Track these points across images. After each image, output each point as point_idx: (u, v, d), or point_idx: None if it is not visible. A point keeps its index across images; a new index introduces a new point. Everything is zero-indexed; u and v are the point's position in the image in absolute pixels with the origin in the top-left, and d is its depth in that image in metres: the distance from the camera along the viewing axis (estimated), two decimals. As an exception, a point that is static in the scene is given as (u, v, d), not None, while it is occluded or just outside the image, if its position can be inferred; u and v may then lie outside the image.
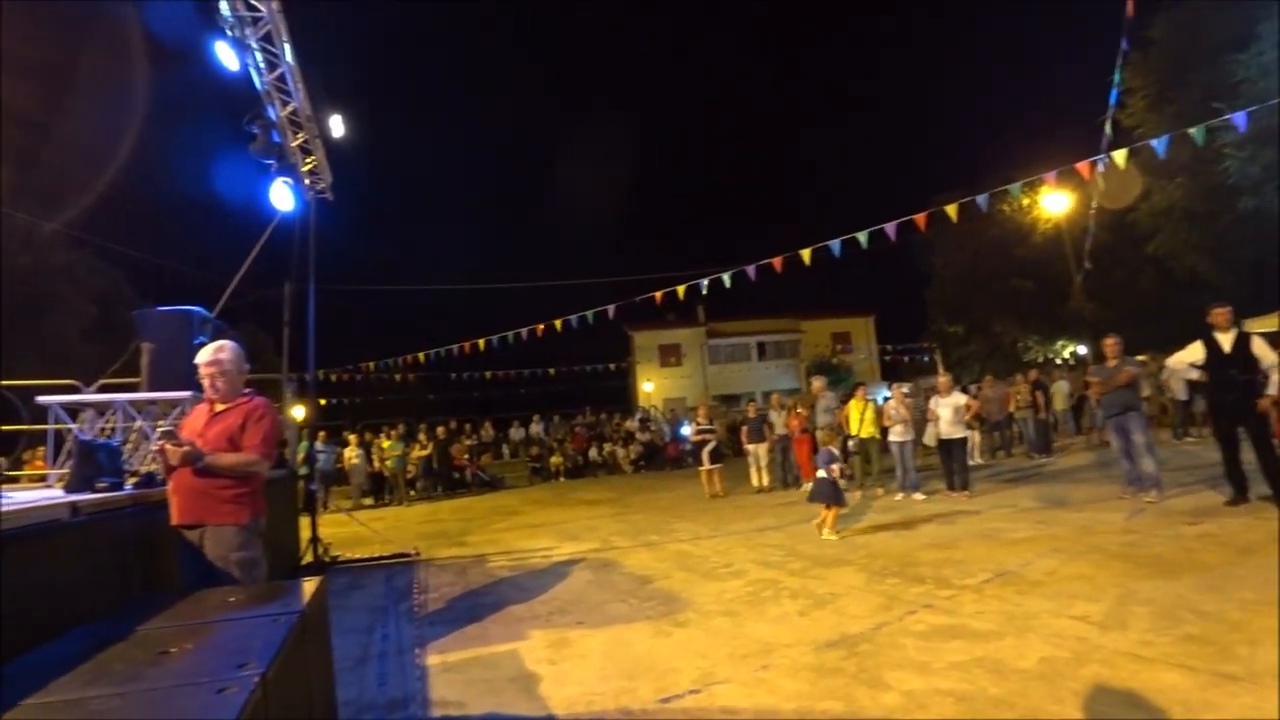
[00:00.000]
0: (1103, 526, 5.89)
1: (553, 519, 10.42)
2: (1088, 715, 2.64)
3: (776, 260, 9.49)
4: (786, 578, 5.29)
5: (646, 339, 39.26)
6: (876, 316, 42.19)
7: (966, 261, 28.68)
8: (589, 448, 20.10)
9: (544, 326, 11.86)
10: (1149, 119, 19.54)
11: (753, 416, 11.84)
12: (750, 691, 3.18)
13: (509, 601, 5.32)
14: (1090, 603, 3.89)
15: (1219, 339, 6.15)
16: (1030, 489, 8.59)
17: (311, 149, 8.30)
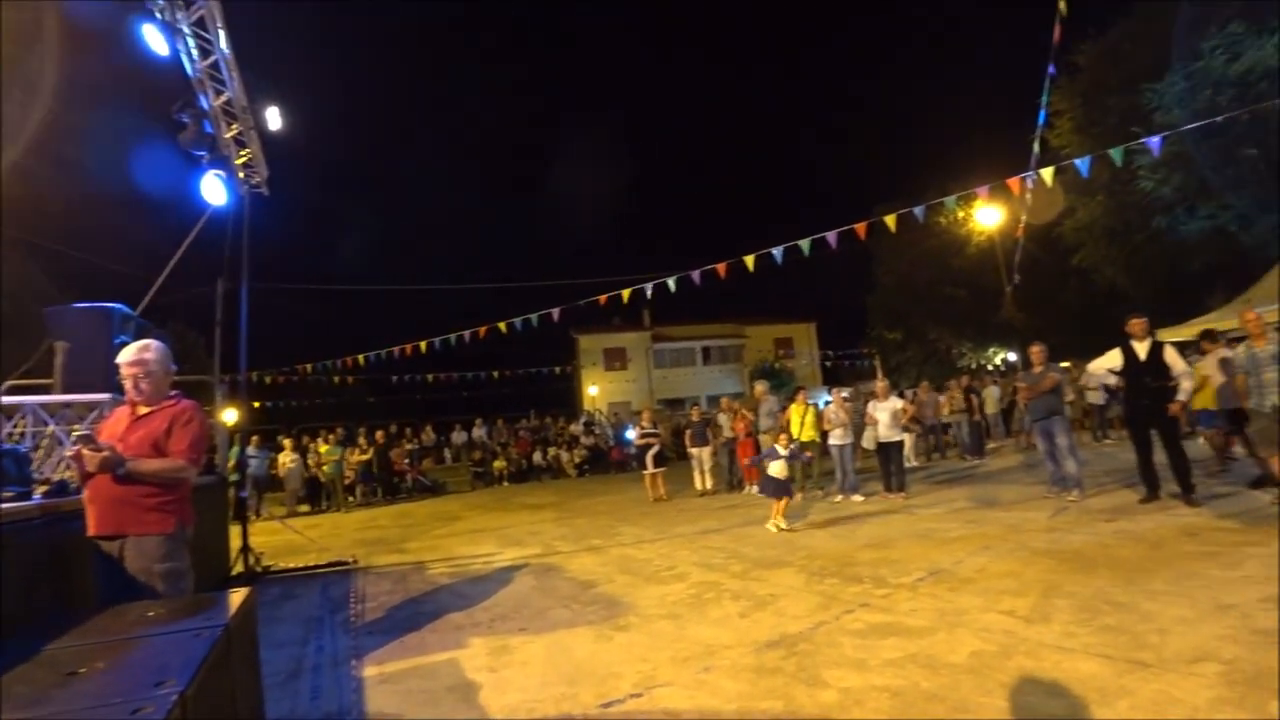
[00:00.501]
0: (1029, 525, 6.15)
1: (495, 524, 10.28)
2: (1014, 705, 2.74)
3: (720, 266, 9.60)
4: (728, 580, 5.33)
5: (592, 342, 39.24)
6: (818, 322, 43.24)
7: (905, 271, 29.68)
8: (533, 452, 19.93)
9: (487, 329, 11.67)
10: (1074, 140, 20.63)
11: (696, 420, 11.94)
12: (692, 694, 3.19)
13: (449, 609, 5.22)
14: (1017, 598, 4.05)
15: (1135, 347, 6.52)
16: (963, 490, 8.90)
17: (247, 141, 7.98)
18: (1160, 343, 6.55)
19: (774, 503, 7.31)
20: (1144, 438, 6.56)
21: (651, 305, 37.12)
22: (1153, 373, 6.37)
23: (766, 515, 8.07)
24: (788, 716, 2.87)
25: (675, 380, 39.39)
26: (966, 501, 7.92)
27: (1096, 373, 7.46)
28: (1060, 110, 21.52)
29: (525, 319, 11.33)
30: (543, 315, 11.26)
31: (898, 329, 31.29)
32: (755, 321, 41.39)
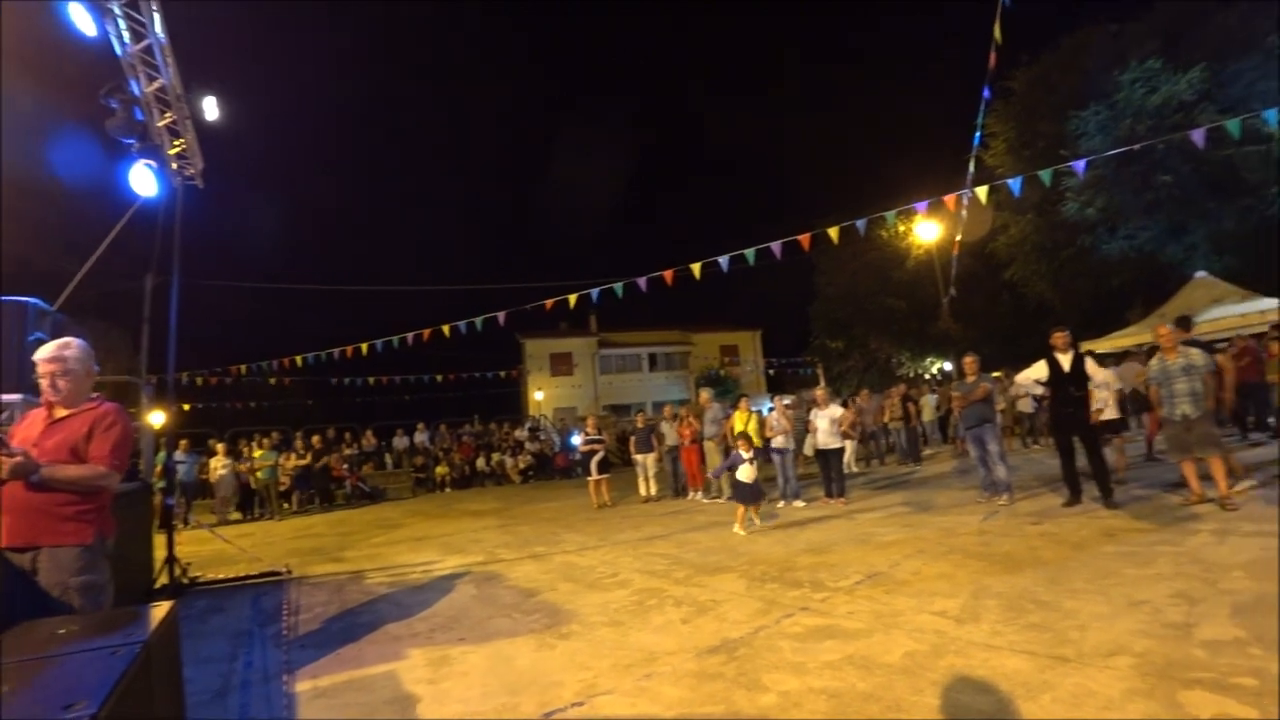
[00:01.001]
0: (962, 528, 6.37)
1: (436, 531, 10.08)
2: (945, 703, 2.83)
3: (667, 273, 9.68)
4: (671, 586, 5.35)
5: (538, 347, 39.02)
6: (763, 331, 43.96)
7: (847, 282, 30.45)
8: (476, 457, 19.66)
9: (431, 331, 11.45)
10: (1008, 160, 21.62)
11: (641, 427, 11.98)
12: (633, 701, 3.18)
13: (387, 620, 5.09)
14: (949, 599, 4.19)
15: (1059, 359, 6.84)
16: (900, 495, 9.15)
17: (181, 131, 7.63)
18: (1082, 354, 6.90)
19: (740, 508, 7.44)
20: (1067, 444, 6.89)
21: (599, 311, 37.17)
22: (1075, 383, 6.70)
23: (710, 521, 8.17)
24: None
25: (621, 386, 39.46)
26: (903, 506, 8.15)
27: (1024, 383, 7.80)
28: (995, 132, 22.57)
29: (470, 322, 11.16)
30: (488, 319, 11.12)
31: (840, 338, 32.09)
32: (701, 329, 41.86)
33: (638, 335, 40.75)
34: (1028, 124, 21.68)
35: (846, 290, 30.73)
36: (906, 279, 28.18)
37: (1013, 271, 22.86)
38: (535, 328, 35.90)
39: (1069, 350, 6.85)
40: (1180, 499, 6.33)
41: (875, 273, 29.34)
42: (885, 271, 29.07)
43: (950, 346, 25.33)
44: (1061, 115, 19.83)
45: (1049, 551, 5.14)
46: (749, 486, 7.46)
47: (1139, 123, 17.46)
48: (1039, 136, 20.91)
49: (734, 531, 7.29)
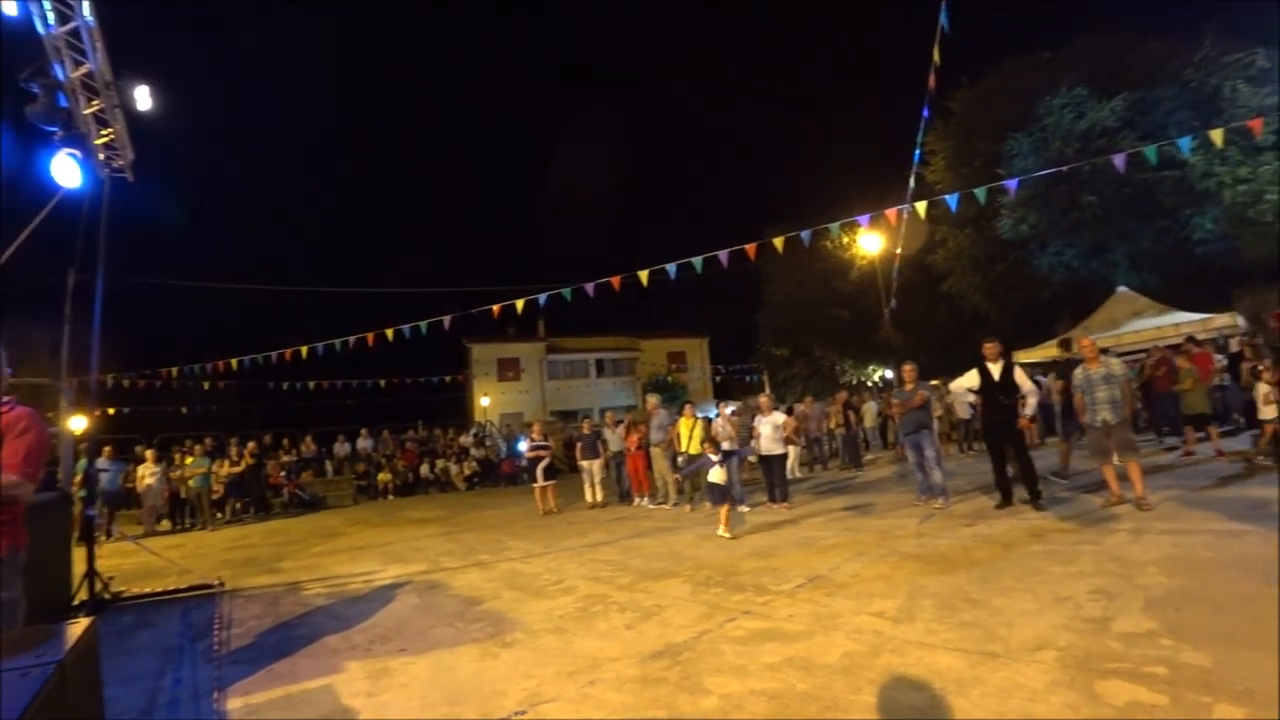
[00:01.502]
0: (900, 531, 6.55)
1: (378, 540, 9.84)
2: (881, 701, 2.91)
3: (615, 279, 9.71)
4: (615, 592, 5.35)
5: (485, 352, 38.53)
6: (710, 338, 44.39)
7: (793, 291, 31.07)
8: (420, 464, 19.27)
9: (375, 335, 11.17)
10: (947, 177, 22.49)
11: (587, 433, 11.96)
12: (577, 708, 3.17)
13: (325, 632, 4.93)
14: (887, 599, 4.31)
15: (990, 368, 7.13)
16: (842, 499, 9.34)
17: (109, 120, 7.26)
18: (1011, 364, 7.21)
19: (719, 509, 7.47)
20: (998, 449, 7.18)
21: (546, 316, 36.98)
22: (1005, 390, 6.99)
23: (655, 527, 8.19)
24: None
25: (569, 392, 39.26)
26: (844, 510, 8.32)
27: (957, 391, 8.11)
28: (935, 150, 23.47)
29: (415, 325, 10.93)
30: (433, 323, 10.91)
31: (785, 346, 32.71)
32: (649, 335, 42.04)
33: (586, 341, 40.66)
34: (966, 143, 22.61)
35: (793, 299, 31.35)
36: (850, 289, 28.93)
37: (951, 283, 23.73)
38: (482, 332, 35.39)
39: (999, 360, 7.15)
40: (1101, 500, 6.66)
41: (821, 283, 30.02)
42: (830, 282, 29.78)
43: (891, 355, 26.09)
44: (997, 136, 20.77)
45: (981, 552, 5.34)
46: (719, 488, 7.51)
47: (1067, 146, 18.42)
48: (976, 155, 21.83)
49: (718, 534, 7.28)
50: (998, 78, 22.54)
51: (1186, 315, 14.27)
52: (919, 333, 26.11)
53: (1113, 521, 5.89)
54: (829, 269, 29.75)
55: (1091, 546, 5.09)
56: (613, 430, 11.71)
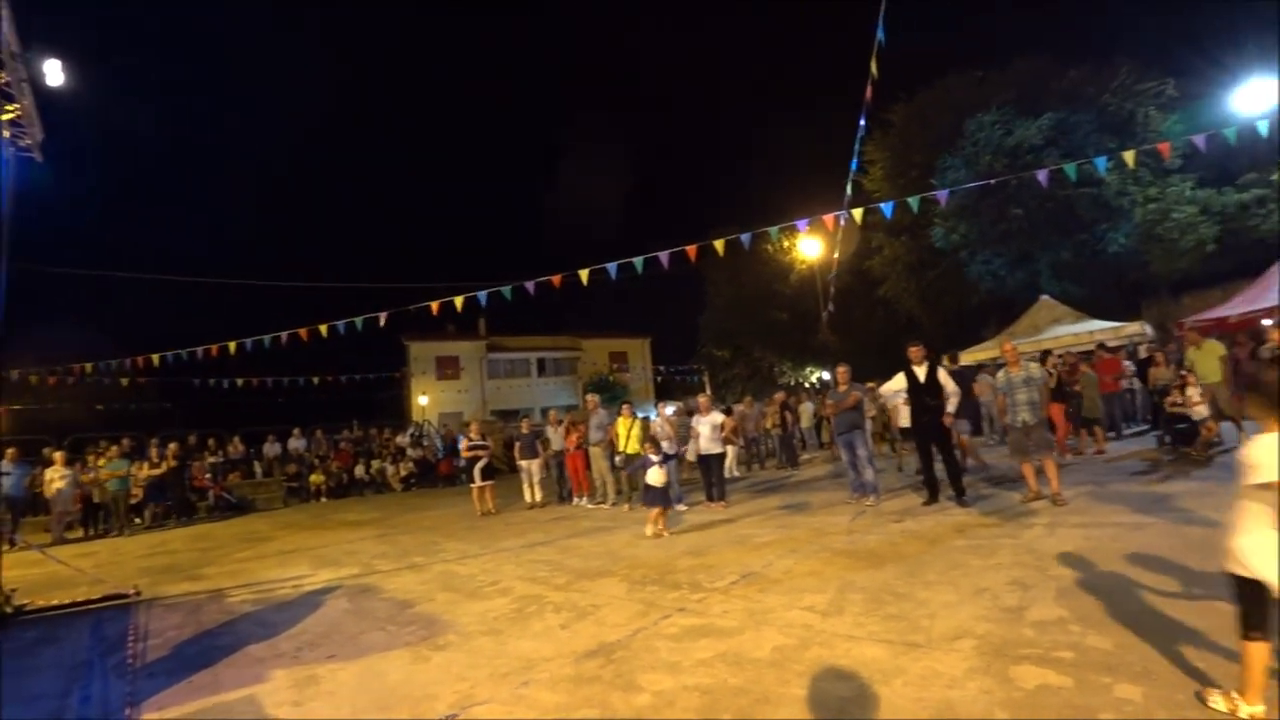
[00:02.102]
0: (832, 528, 6.72)
1: (309, 544, 9.54)
2: (809, 692, 2.98)
3: (555, 278, 9.64)
4: (551, 592, 5.32)
5: (423, 350, 37.66)
6: (652, 338, 44.60)
7: (735, 294, 31.52)
8: (355, 465, 18.74)
9: (308, 331, 10.74)
10: (884, 186, 23.26)
11: (526, 432, 11.86)
12: (510, 709, 3.15)
13: (249, 640, 4.76)
14: (817, 594, 4.41)
15: (916, 371, 7.39)
16: (777, 498, 9.50)
17: (16, 95, 6.78)
18: (935, 366, 7.48)
19: (652, 511, 7.40)
20: (925, 449, 7.45)
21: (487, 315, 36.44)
22: (930, 392, 7.25)
23: (594, 526, 8.16)
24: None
25: (510, 391, 38.74)
26: (779, 509, 8.47)
27: (887, 393, 8.37)
28: (874, 160, 24.22)
29: (350, 322, 10.55)
30: (369, 319, 10.57)
31: (726, 347, 33.16)
32: (591, 335, 41.91)
33: (527, 340, 40.23)
34: (903, 154, 23.44)
35: (734, 301, 31.83)
36: (790, 293, 29.56)
37: (886, 289, 24.53)
38: (421, 330, 34.58)
39: (924, 363, 7.41)
40: (1020, 496, 6.97)
41: (762, 286, 30.58)
42: (771, 285, 30.35)
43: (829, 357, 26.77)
44: (932, 148, 21.61)
45: (908, 547, 5.52)
46: (656, 490, 7.42)
47: (996, 160, 19.27)
48: (912, 166, 22.65)
49: (644, 533, 7.29)
50: (933, 93, 23.45)
51: (1101, 323, 15.09)
52: (855, 336, 26.88)
53: (1030, 516, 6.18)
54: (770, 272, 30.32)
55: (1010, 540, 5.33)
56: (554, 429, 11.64)
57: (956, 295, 22.70)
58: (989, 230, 20.33)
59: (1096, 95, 20.11)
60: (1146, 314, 19.04)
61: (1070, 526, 5.57)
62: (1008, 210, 19.76)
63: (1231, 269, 17.63)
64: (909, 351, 7.48)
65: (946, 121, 21.85)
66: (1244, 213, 17.98)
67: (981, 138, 20.12)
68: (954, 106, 22.05)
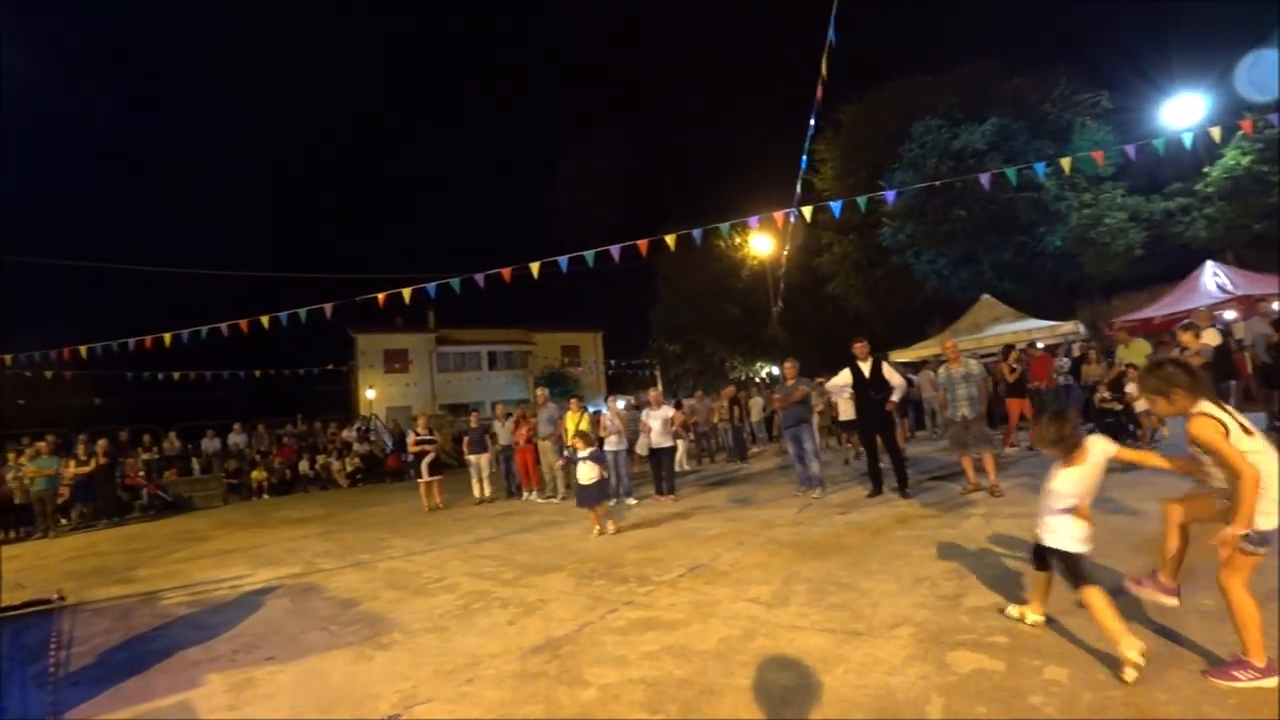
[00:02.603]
0: (779, 520, 6.82)
1: (249, 543, 9.25)
2: (753, 682, 3.02)
3: (506, 271, 9.51)
4: (499, 588, 5.28)
5: (371, 343, 36.81)
6: (604, 332, 44.52)
7: (687, 288, 31.68)
8: (299, 460, 18.22)
9: (248, 322, 10.30)
10: (834, 185, 23.65)
11: (475, 427, 11.73)
12: (454, 707, 3.11)
13: (184, 644, 4.59)
14: (763, 586, 4.48)
15: (861, 366, 7.54)
16: (726, 491, 9.60)
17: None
18: (880, 361, 7.66)
19: (591, 513, 7.19)
20: (870, 442, 7.62)
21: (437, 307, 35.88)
22: (875, 387, 7.42)
23: (542, 521, 8.11)
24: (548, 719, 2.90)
25: (460, 385, 38.06)
26: (728, 501, 8.57)
27: (833, 389, 8.52)
28: (825, 159, 24.63)
29: (292, 313, 10.18)
30: (314, 310, 10.21)
31: (678, 342, 33.31)
32: (543, 329, 41.58)
33: (478, 333, 39.66)
34: (853, 154, 23.87)
35: (686, 296, 31.97)
36: (742, 288, 29.87)
37: (835, 285, 25.00)
38: (368, 322, 33.75)
39: (869, 358, 7.57)
40: (960, 488, 7.20)
41: (714, 281, 30.79)
42: (723, 280, 30.61)
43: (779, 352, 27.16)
44: (880, 149, 22.08)
45: (852, 538, 5.65)
46: (590, 488, 7.23)
47: (942, 163, 19.82)
48: (861, 166, 23.10)
49: (595, 535, 7.13)
50: (883, 95, 23.94)
51: (1038, 322, 15.69)
52: (805, 331, 27.31)
53: (969, 507, 6.38)
54: (722, 268, 30.57)
55: (950, 530, 5.50)
56: (502, 423, 11.53)
57: (903, 293, 23.27)
58: (934, 231, 20.89)
59: (1037, 103, 20.87)
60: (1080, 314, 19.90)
61: (1006, 516, 5.76)
62: (952, 212, 20.34)
63: (1157, 273, 18.59)
64: (854, 347, 7.63)
65: (894, 123, 22.35)
66: (1169, 220, 18.91)
67: (928, 141, 20.66)
68: (902, 108, 22.58)
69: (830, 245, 24.66)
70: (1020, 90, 21.37)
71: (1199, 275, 14.30)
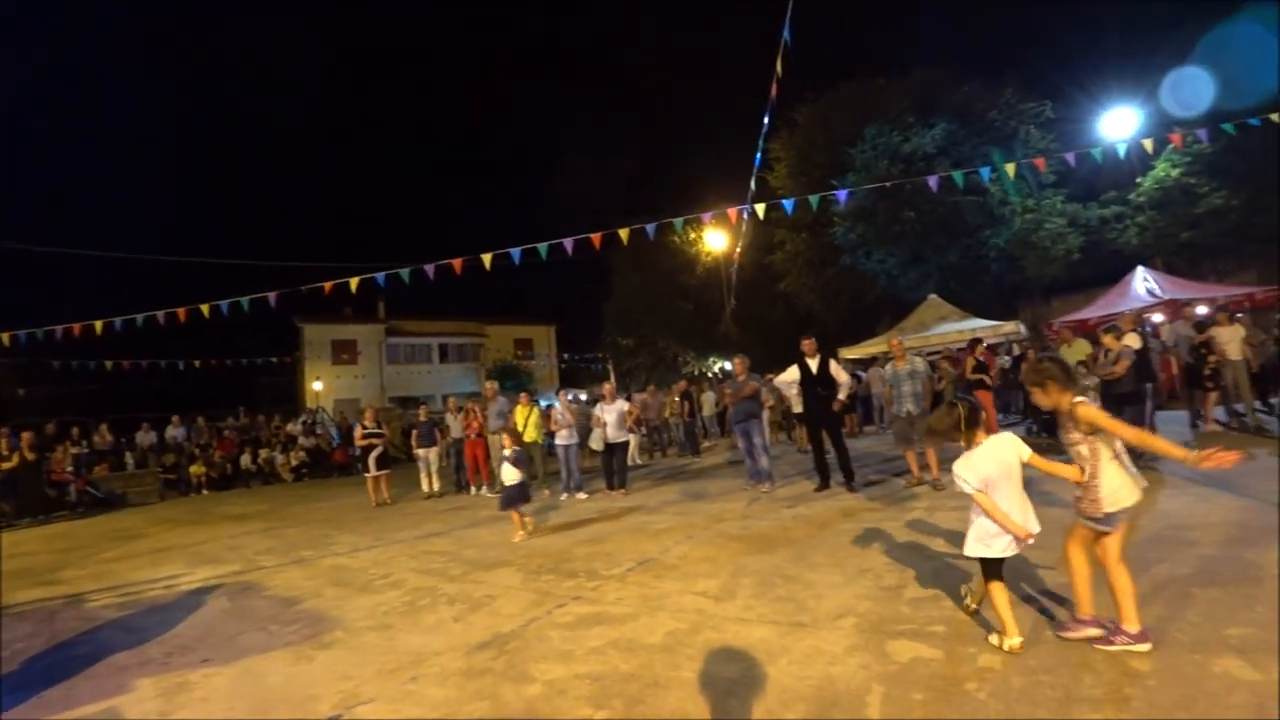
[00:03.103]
0: (728, 514, 6.90)
1: (186, 540, 8.91)
2: (699, 674, 3.05)
3: (457, 261, 9.34)
4: (445, 584, 5.22)
5: (318, 333, 35.76)
6: (558, 326, 44.19)
7: (641, 282, 31.68)
8: (241, 454, 17.59)
9: (187, 310, 9.82)
10: (789, 183, 23.90)
11: (423, 420, 11.54)
12: (397, 707, 3.06)
13: (113, 648, 4.38)
14: (710, 579, 4.52)
15: (809, 363, 7.67)
16: (677, 485, 9.68)
17: None
18: (828, 358, 7.81)
19: (513, 515, 6.89)
20: (817, 437, 7.77)
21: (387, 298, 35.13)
22: (822, 383, 7.56)
23: (492, 516, 8.00)
24: (493, 716, 2.87)
25: (410, 377, 37.31)
26: (678, 495, 8.64)
27: (781, 384, 8.65)
28: (779, 157, 24.91)
29: (234, 302, 9.76)
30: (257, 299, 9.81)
31: (631, 336, 33.26)
32: (496, 321, 41.09)
33: (429, 325, 38.87)
34: (807, 153, 24.18)
35: (640, 291, 31.94)
36: (695, 283, 30.01)
37: (787, 283, 25.32)
38: (315, 312, 32.77)
39: (817, 355, 7.71)
40: (904, 482, 7.41)
41: (667, 276, 30.86)
42: (677, 276, 30.70)
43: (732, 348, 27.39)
44: (834, 149, 22.45)
45: (799, 531, 5.75)
46: (514, 488, 6.84)
47: (893, 165, 20.26)
48: (815, 165, 23.41)
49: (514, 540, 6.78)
50: (839, 96, 24.32)
51: (982, 322, 16.19)
52: (756, 327, 27.60)
53: (913, 500, 6.58)
54: (676, 263, 30.66)
55: (893, 523, 5.64)
56: (453, 416, 11.36)
57: (853, 291, 23.71)
58: (884, 231, 21.34)
59: (985, 111, 21.51)
60: (1021, 314, 20.64)
61: (947, 509, 5.94)
62: (902, 213, 20.82)
63: (1093, 276, 19.42)
64: (803, 344, 7.75)
65: (848, 124, 22.75)
66: (1105, 226, 19.73)
67: (880, 143, 21.09)
68: (856, 110, 22.99)
69: (783, 243, 24.95)
70: (969, 97, 21.99)
71: (1131, 280, 14.98)
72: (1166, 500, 5.40)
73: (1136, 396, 7.07)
